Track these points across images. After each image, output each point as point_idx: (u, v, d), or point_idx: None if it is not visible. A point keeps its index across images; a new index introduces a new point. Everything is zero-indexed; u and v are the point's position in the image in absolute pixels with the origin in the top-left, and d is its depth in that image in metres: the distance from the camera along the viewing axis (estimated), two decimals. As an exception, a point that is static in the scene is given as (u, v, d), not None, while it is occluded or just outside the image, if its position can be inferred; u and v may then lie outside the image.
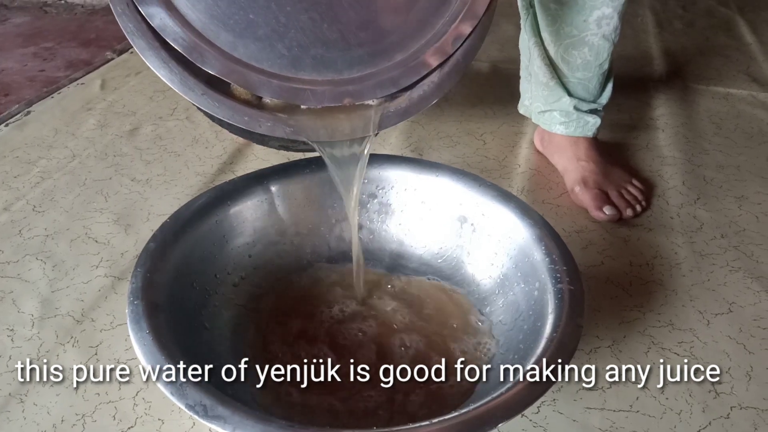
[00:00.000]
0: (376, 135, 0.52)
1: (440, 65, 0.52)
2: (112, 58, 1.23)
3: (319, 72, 0.49)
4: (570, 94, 0.83)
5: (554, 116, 0.85)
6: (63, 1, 1.54)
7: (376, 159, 0.66)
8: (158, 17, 0.45)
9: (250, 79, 0.48)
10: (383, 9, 0.50)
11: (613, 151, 0.91)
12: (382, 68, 0.51)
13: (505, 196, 0.61)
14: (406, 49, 0.51)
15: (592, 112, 0.84)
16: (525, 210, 0.59)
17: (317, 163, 0.66)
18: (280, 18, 0.48)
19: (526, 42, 0.86)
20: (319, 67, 0.49)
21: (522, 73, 0.92)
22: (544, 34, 0.82)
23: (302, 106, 0.51)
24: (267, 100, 0.50)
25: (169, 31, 0.46)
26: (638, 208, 0.79)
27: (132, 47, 0.48)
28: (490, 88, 1.11)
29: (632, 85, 1.11)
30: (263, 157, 0.90)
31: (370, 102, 0.52)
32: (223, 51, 0.47)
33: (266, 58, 0.48)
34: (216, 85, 0.49)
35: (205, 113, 0.50)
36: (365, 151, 0.55)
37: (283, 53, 0.48)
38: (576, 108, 0.82)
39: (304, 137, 0.50)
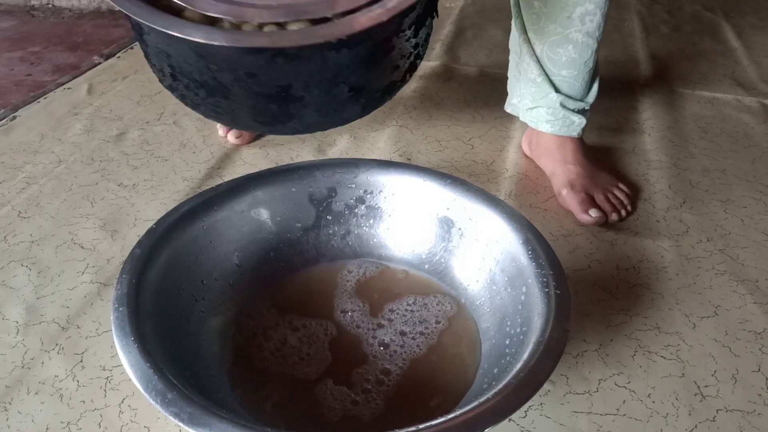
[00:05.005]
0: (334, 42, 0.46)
1: None
2: (100, 63, 1.23)
3: None
4: (557, 91, 0.83)
5: (541, 113, 0.85)
6: (50, 5, 1.54)
7: (363, 163, 0.66)
8: None
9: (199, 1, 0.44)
10: None
11: (600, 155, 0.91)
12: None
13: (492, 200, 0.61)
14: None
15: (579, 111, 0.84)
16: (512, 214, 0.59)
17: (304, 168, 0.66)
18: None
19: (516, 39, 0.86)
20: None
21: (510, 72, 0.92)
22: (530, 33, 0.82)
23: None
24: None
25: None
26: (623, 212, 0.80)
27: (119, 52, 0.46)
28: (478, 93, 1.11)
29: (619, 89, 1.12)
30: (251, 162, 0.90)
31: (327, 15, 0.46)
32: None
33: None
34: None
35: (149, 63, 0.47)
36: None
37: None
38: (563, 105, 0.83)
39: (242, 44, 0.45)
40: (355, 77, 0.48)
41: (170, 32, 0.43)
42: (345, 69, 0.46)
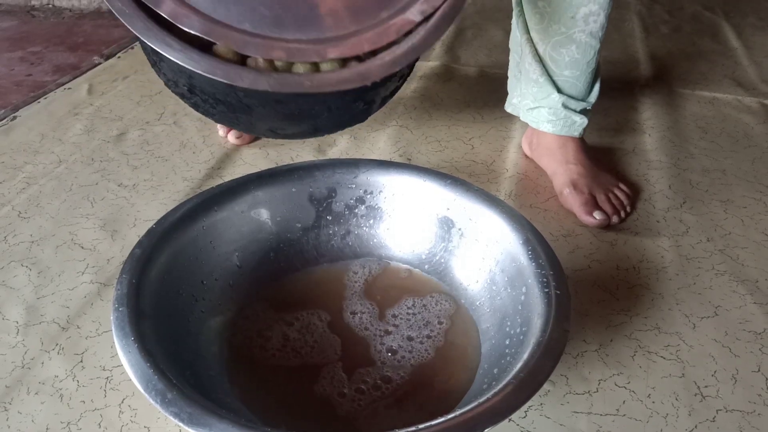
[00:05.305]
0: (370, 85, 0.49)
1: (426, 19, 0.50)
2: (100, 63, 1.23)
3: (304, 32, 0.47)
4: (559, 91, 0.83)
5: (542, 113, 0.85)
6: (51, 5, 1.54)
7: (363, 164, 0.66)
8: None
9: (233, 37, 0.45)
10: None
11: (600, 155, 0.91)
12: (366, 26, 0.49)
13: (492, 200, 0.61)
14: (391, 5, 0.50)
15: (581, 111, 0.84)
16: (512, 214, 0.59)
17: (304, 168, 0.66)
18: None
19: (518, 39, 0.86)
20: (304, 27, 0.47)
21: (511, 71, 0.92)
22: (532, 33, 0.82)
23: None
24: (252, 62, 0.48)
25: None
26: (622, 214, 0.80)
27: (119, 53, 0.46)
28: (479, 93, 1.11)
29: (619, 89, 1.12)
30: (251, 162, 0.90)
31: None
32: (203, 14, 0.45)
33: (248, 19, 0.46)
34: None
35: (173, 86, 0.49)
36: None
37: (265, 14, 0.47)
38: (564, 105, 0.83)
39: (287, 89, 0.47)
40: (371, 95, 0.51)
41: (218, 78, 0.45)
42: (364, 92, 0.50)
